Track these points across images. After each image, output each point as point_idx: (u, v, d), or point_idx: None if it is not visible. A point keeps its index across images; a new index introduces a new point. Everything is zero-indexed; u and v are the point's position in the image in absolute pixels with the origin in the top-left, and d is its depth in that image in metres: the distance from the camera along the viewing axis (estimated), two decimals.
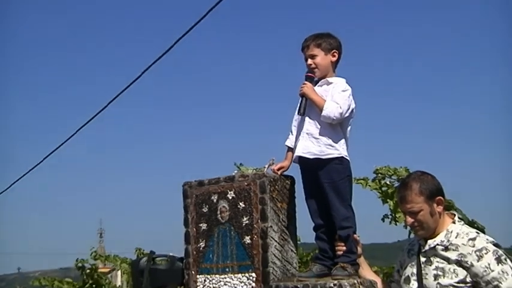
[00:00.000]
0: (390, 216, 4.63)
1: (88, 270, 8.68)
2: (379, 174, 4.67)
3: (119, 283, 9.02)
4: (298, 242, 4.49)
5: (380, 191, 4.68)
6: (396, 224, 4.55)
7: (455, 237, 3.58)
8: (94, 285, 8.56)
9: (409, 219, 3.62)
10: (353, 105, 3.93)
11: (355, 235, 3.94)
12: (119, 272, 9.47)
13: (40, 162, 12.69)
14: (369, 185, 4.67)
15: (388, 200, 4.63)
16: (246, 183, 4.02)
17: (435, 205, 3.59)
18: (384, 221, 4.64)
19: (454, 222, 3.68)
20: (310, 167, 3.94)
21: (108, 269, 9.22)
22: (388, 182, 4.65)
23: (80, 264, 8.99)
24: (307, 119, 3.98)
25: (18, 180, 13.89)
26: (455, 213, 3.82)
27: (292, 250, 4.09)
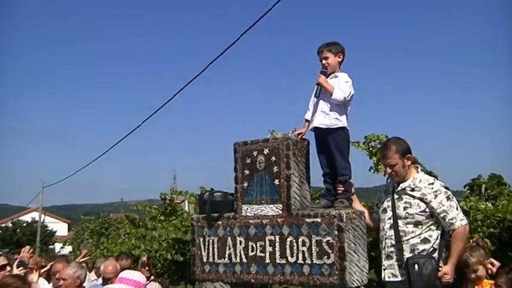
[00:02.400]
0: (374, 168, 4.97)
1: (168, 201, 9.31)
2: (367, 139, 4.98)
3: (187, 210, 9.53)
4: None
5: (368, 151, 4.98)
6: (378, 173, 4.89)
7: (419, 182, 4.07)
8: (172, 211, 9.14)
9: (388, 170, 4.14)
10: (353, 92, 4.33)
11: (350, 180, 4.38)
12: (187, 202, 9.98)
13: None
14: (360, 146, 4.98)
15: (373, 156, 4.96)
16: (276, 144, 4.37)
17: (406, 160, 4.08)
18: (370, 171, 4.97)
19: (418, 172, 4.17)
20: (323, 133, 4.37)
21: (180, 201, 9.69)
22: (373, 145, 4.96)
23: (163, 196, 9.54)
24: (321, 101, 4.39)
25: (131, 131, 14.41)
26: (418, 166, 4.29)
27: (307, 190, 4.46)
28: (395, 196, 4.15)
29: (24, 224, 52.61)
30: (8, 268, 4.97)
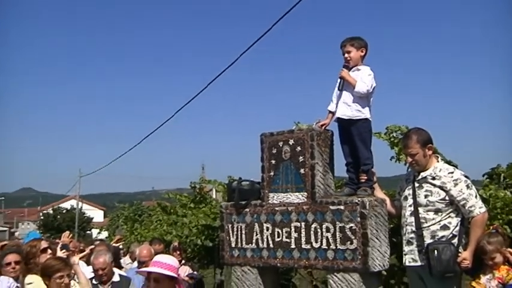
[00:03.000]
0: (395, 157, 4.90)
1: (198, 189, 9.41)
2: (389, 130, 4.90)
3: (215, 197, 9.60)
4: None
5: (389, 141, 4.91)
6: (399, 162, 4.81)
7: (439, 171, 4.03)
8: (201, 198, 9.23)
9: (409, 159, 4.10)
10: (374, 84, 4.32)
11: (372, 169, 4.40)
12: (214, 191, 10.05)
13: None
14: (382, 137, 4.93)
15: (394, 147, 4.89)
16: (301, 134, 4.41)
17: (427, 150, 4.03)
18: (391, 160, 4.90)
19: (438, 161, 4.12)
20: (346, 124, 4.38)
21: (208, 190, 9.77)
22: (394, 135, 4.89)
23: (192, 185, 9.63)
24: (344, 92, 4.40)
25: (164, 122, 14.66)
26: (439, 155, 4.23)
27: (331, 178, 4.50)
28: (416, 184, 4.12)
29: (64, 211, 53.77)
30: (49, 251, 5.08)
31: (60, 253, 4.92)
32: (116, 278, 5.38)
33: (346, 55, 4.40)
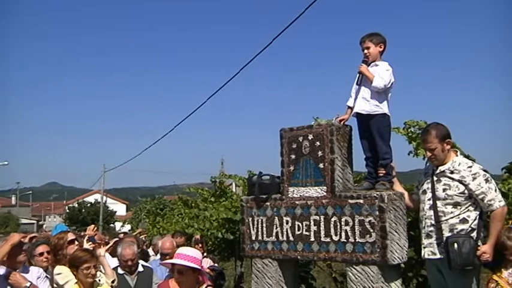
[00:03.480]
0: (413, 152, 4.85)
1: (218, 183, 9.48)
2: (407, 125, 4.87)
3: (235, 191, 9.66)
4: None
5: (407, 136, 4.87)
6: (417, 157, 4.75)
7: (458, 165, 3.98)
8: (222, 193, 9.30)
9: (428, 153, 4.06)
10: (393, 80, 4.31)
11: (391, 163, 4.39)
12: (234, 185, 10.13)
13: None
14: (400, 132, 4.88)
15: (412, 141, 4.85)
16: (320, 130, 4.41)
17: (445, 144, 3.99)
18: (409, 155, 4.85)
19: (457, 156, 4.08)
20: (364, 119, 4.38)
21: (228, 184, 9.82)
22: (412, 130, 4.86)
23: (213, 180, 9.74)
24: (362, 88, 4.39)
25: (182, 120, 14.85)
26: (457, 150, 4.21)
27: (349, 173, 4.49)
28: (435, 178, 4.08)
29: (89, 205, 54.53)
30: (76, 243, 5.17)
31: (86, 245, 5.00)
32: (140, 268, 5.47)
33: (365, 51, 4.40)
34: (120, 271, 5.33)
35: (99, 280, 4.53)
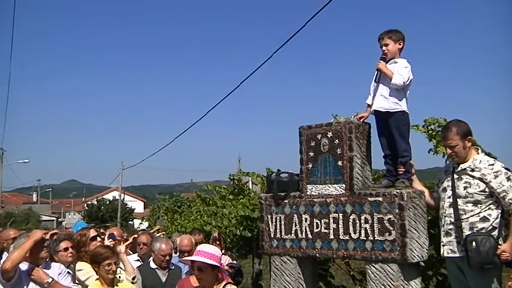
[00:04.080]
0: (433, 150, 4.77)
1: (236, 181, 9.52)
2: (427, 122, 4.78)
3: (251, 188, 9.68)
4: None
5: (427, 134, 4.80)
6: (437, 155, 4.68)
7: (479, 163, 3.94)
8: (239, 190, 9.34)
9: (449, 151, 4.03)
10: (411, 77, 4.27)
11: (410, 161, 4.35)
12: (251, 183, 10.15)
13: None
14: (420, 129, 4.82)
15: (432, 139, 4.79)
16: (339, 127, 4.40)
17: (466, 142, 3.96)
18: (429, 153, 4.78)
19: (478, 153, 4.04)
20: (383, 117, 4.35)
21: (245, 182, 9.85)
22: (432, 128, 4.77)
23: (231, 177, 9.79)
24: (381, 85, 4.37)
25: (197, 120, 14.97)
26: (479, 147, 4.14)
27: (368, 170, 4.47)
28: (455, 176, 4.05)
29: (107, 202, 55.08)
30: (98, 239, 5.24)
31: (107, 242, 5.07)
32: (171, 266, 5.58)
33: (383, 48, 4.37)
34: (152, 265, 5.44)
35: (119, 277, 4.60)
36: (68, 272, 4.74)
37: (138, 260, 6.00)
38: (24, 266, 4.35)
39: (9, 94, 36.31)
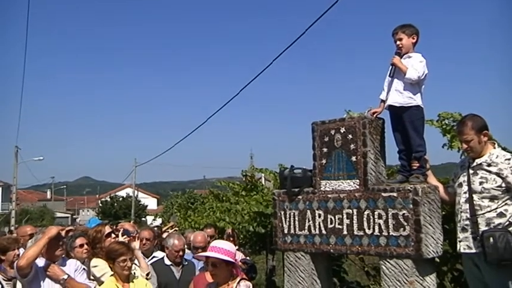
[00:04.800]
0: (447, 145, 4.74)
1: (249, 177, 9.55)
2: (441, 117, 4.76)
3: (264, 184, 9.70)
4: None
5: (441, 129, 4.77)
6: (451, 150, 4.64)
7: (496, 158, 3.90)
8: (252, 186, 9.37)
9: (464, 146, 3.99)
10: (426, 71, 4.26)
11: (425, 156, 4.32)
12: (263, 179, 10.17)
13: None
14: (434, 124, 4.80)
15: (446, 134, 4.76)
16: (353, 122, 4.39)
17: (482, 136, 3.92)
18: (443, 148, 4.75)
19: (494, 148, 3.99)
20: (397, 111, 4.33)
21: (258, 178, 9.86)
22: (447, 122, 4.75)
23: (244, 174, 9.84)
24: (395, 80, 4.35)
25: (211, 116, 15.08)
26: (495, 142, 4.10)
27: (382, 166, 4.45)
28: (471, 171, 4.01)
29: (121, 199, 55.52)
30: (113, 236, 5.28)
31: (121, 238, 5.11)
32: (184, 262, 5.61)
33: (397, 42, 4.35)
34: (167, 262, 5.47)
35: (134, 273, 4.63)
36: (84, 269, 4.78)
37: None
38: (41, 262, 4.40)
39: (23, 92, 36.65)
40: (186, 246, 5.70)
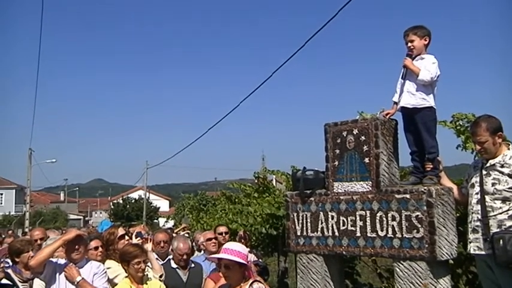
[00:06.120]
0: (461, 146, 4.72)
1: (261, 179, 9.55)
2: (455, 118, 4.75)
3: (276, 186, 9.70)
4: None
5: (455, 130, 4.74)
6: (465, 151, 4.63)
7: (509, 159, 3.86)
8: (264, 188, 9.38)
9: (478, 147, 3.96)
10: (439, 73, 4.24)
11: (438, 157, 4.31)
12: (274, 181, 10.19)
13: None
14: (447, 125, 4.78)
15: (460, 135, 4.74)
16: (365, 124, 4.39)
17: (496, 138, 3.88)
18: (457, 149, 4.73)
19: (508, 149, 3.95)
20: (410, 113, 4.32)
21: (269, 180, 9.86)
22: (460, 123, 4.73)
23: (256, 175, 9.77)
24: (407, 82, 4.35)
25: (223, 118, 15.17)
26: (510, 143, 4.05)
27: (395, 167, 4.45)
28: (484, 172, 3.98)
29: (133, 201, 55.77)
30: (126, 238, 5.32)
31: (135, 240, 5.15)
32: (191, 264, 5.58)
33: (409, 44, 4.35)
34: (173, 265, 5.46)
35: (147, 275, 4.66)
36: (105, 272, 4.69)
37: (157, 259, 6.05)
38: (62, 261, 4.46)
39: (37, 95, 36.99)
40: (196, 248, 5.65)
